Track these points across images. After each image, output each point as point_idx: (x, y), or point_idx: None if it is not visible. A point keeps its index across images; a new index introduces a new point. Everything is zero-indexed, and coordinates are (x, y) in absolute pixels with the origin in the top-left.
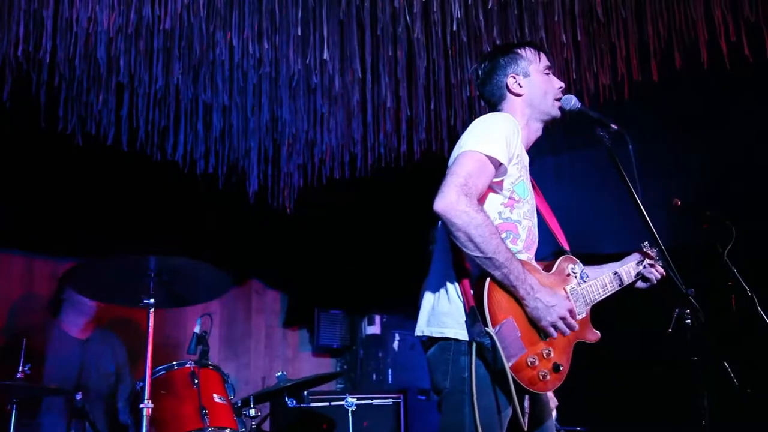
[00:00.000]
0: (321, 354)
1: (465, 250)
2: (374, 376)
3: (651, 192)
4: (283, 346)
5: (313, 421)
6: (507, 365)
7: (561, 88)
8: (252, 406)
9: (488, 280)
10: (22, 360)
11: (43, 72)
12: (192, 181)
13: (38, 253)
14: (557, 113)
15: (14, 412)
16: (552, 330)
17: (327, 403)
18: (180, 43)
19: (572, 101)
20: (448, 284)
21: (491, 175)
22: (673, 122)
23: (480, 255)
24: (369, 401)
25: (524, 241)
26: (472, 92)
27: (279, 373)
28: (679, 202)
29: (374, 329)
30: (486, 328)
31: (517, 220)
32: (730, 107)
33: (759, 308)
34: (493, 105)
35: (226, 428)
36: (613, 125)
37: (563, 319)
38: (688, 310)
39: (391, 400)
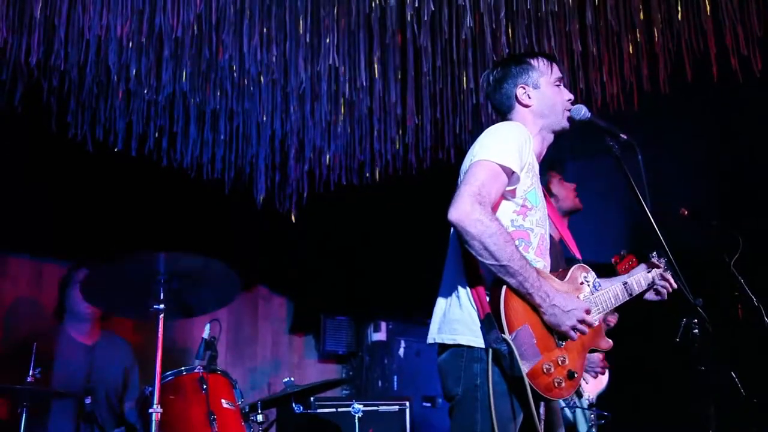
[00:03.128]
0: (327, 360)
1: (480, 258)
2: (380, 382)
3: (658, 202)
4: (289, 352)
5: (319, 427)
6: (524, 372)
7: (570, 100)
8: (260, 411)
9: (505, 287)
10: (32, 364)
11: (54, 79)
12: (199, 186)
13: (47, 257)
14: (566, 125)
15: (24, 416)
16: (573, 333)
17: (334, 410)
18: (190, 50)
19: (582, 111)
20: (460, 291)
21: (504, 183)
22: (682, 133)
23: (495, 263)
24: (375, 408)
25: (536, 249)
26: (479, 101)
27: (286, 379)
28: (687, 212)
29: (380, 336)
30: (503, 335)
31: (529, 227)
32: (741, 119)
33: (765, 318)
34: (503, 114)
35: None
36: (622, 135)
37: (582, 321)
38: (696, 320)
39: (396, 406)
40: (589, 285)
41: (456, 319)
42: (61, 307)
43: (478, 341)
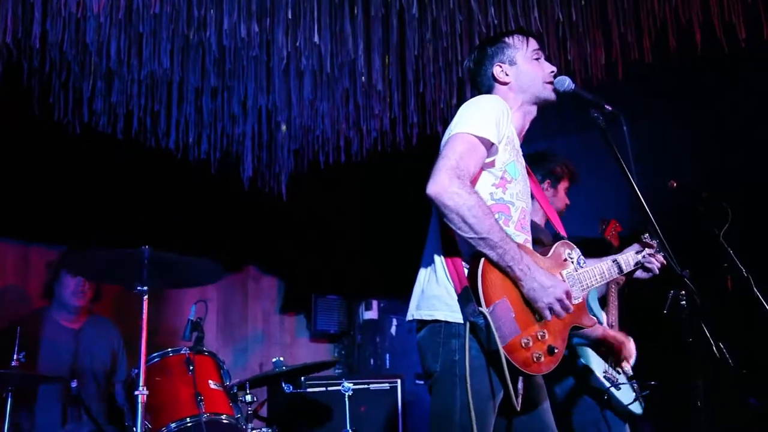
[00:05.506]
0: (318, 339)
1: (459, 232)
2: (372, 361)
3: (646, 173)
4: (281, 332)
5: (309, 407)
6: (500, 345)
7: (552, 72)
8: (248, 391)
9: (483, 260)
10: (16, 348)
11: (34, 59)
12: (186, 167)
13: (33, 241)
14: (551, 95)
15: (9, 400)
16: (547, 312)
17: (324, 389)
18: (170, 26)
19: (566, 83)
20: (437, 267)
21: (483, 156)
22: (667, 103)
23: (474, 236)
24: (366, 386)
25: (516, 223)
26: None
27: (275, 359)
28: (675, 184)
29: (372, 314)
30: (480, 308)
31: (509, 201)
32: (725, 87)
33: (755, 289)
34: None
35: (222, 414)
36: (607, 106)
37: (560, 300)
38: (684, 292)
39: (388, 384)
40: (573, 262)
41: (434, 295)
42: (50, 289)
43: (456, 316)
